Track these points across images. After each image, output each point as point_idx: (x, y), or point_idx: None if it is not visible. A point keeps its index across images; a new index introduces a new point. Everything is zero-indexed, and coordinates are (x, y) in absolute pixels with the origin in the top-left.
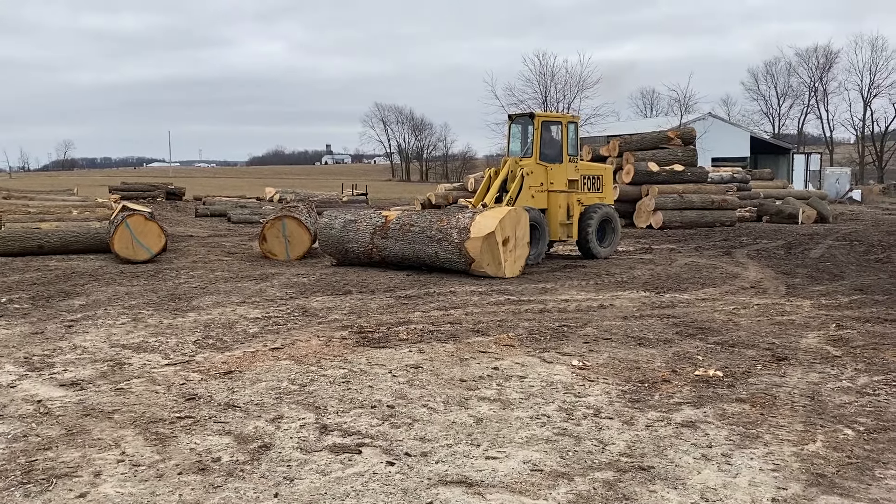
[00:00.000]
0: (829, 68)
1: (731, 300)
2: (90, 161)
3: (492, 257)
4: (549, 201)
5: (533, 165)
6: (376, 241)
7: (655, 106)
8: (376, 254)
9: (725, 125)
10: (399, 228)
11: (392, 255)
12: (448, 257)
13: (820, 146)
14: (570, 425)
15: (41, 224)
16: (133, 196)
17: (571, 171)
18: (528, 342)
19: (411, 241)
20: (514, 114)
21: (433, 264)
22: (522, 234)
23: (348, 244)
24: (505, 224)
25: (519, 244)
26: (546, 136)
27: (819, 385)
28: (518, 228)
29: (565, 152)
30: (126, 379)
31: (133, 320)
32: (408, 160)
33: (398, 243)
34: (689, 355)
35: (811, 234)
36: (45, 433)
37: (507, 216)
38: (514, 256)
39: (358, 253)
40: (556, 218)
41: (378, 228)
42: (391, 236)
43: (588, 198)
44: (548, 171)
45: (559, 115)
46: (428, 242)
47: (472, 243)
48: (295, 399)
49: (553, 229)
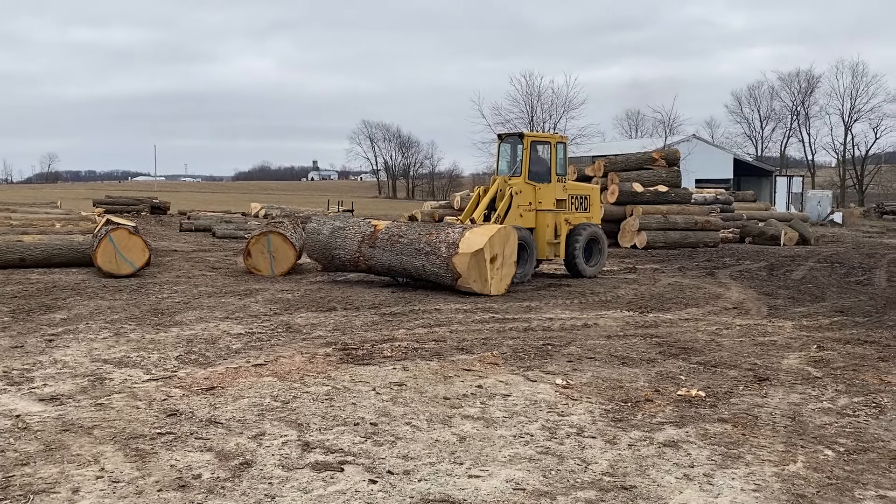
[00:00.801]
0: (810, 93)
1: (714, 320)
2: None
3: (479, 274)
4: (537, 220)
5: (522, 185)
6: (364, 250)
7: (640, 127)
8: (363, 262)
9: (709, 147)
10: (388, 239)
11: (378, 265)
12: (435, 271)
13: (802, 169)
14: (553, 444)
15: (24, 237)
16: (117, 210)
17: (559, 191)
18: (513, 360)
19: (399, 252)
20: (504, 133)
21: (419, 277)
22: (510, 252)
23: (335, 251)
24: (494, 242)
25: (506, 262)
26: (535, 156)
27: (800, 406)
28: (506, 247)
29: (553, 172)
30: (107, 394)
31: (115, 335)
32: (394, 177)
33: (386, 253)
34: (671, 375)
35: (793, 255)
36: (23, 448)
37: (497, 234)
38: (501, 275)
39: (344, 260)
40: (544, 237)
41: (366, 237)
42: (379, 246)
43: (576, 217)
44: (536, 191)
45: (548, 135)
46: (416, 255)
47: (461, 259)
48: (277, 416)
49: (541, 248)
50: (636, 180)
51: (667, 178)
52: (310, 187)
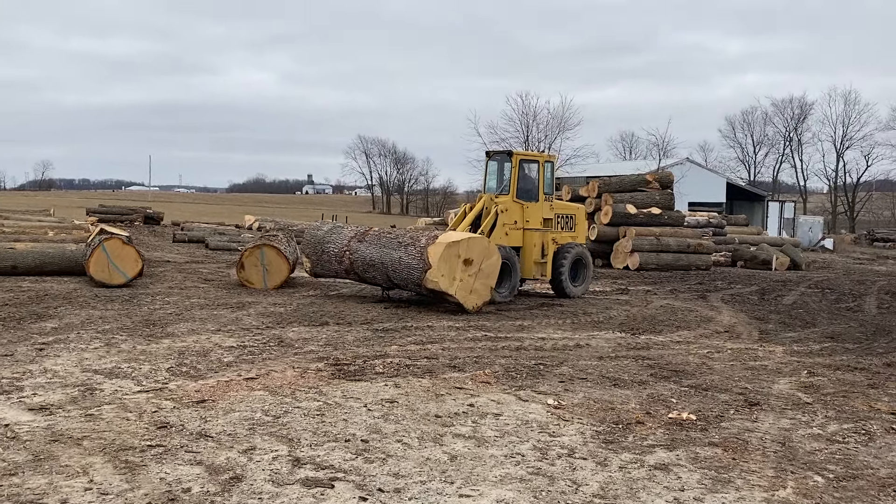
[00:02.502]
0: (803, 119)
1: (706, 344)
2: (68, 182)
3: (448, 269)
4: (524, 239)
5: (510, 203)
6: (352, 245)
7: (634, 149)
8: (348, 257)
9: (702, 171)
10: (377, 234)
11: (360, 259)
12: (409, 262)
13: (794, 194)
14: (544, 465)
15: (16, 244)
16: (111, 219)
17: (546, 210)
18: (505, 379)
19: (383, 246)
20: (492, 151)
21: (393, 271)
22: (488, 268)
23: (327, 244)
24: (473, 245)
25: (481, 276)
26: (523, 174)
27: (790, 431)
28: (485, 260)
29: (541, 191)
30: (97, 405)
31: (106, 345)
32: (389, 193)
33: (370, 247)
34: (663, 398)
35: (784, 280)
36: (12, 458)
37: (478, 241)
38: (472, 286)
39: (332, 254)
40: (531, 256)
41: (359, 233)
42: (367, 241)
43: (562, 237)
44: (524, 209)
45: (536, 153)
46: (397, 247)
47: (435, 248)
48: (268, 430)
49: (527, 267)
50: (630, 202)
51: (660, 200)
52: (304, 201)
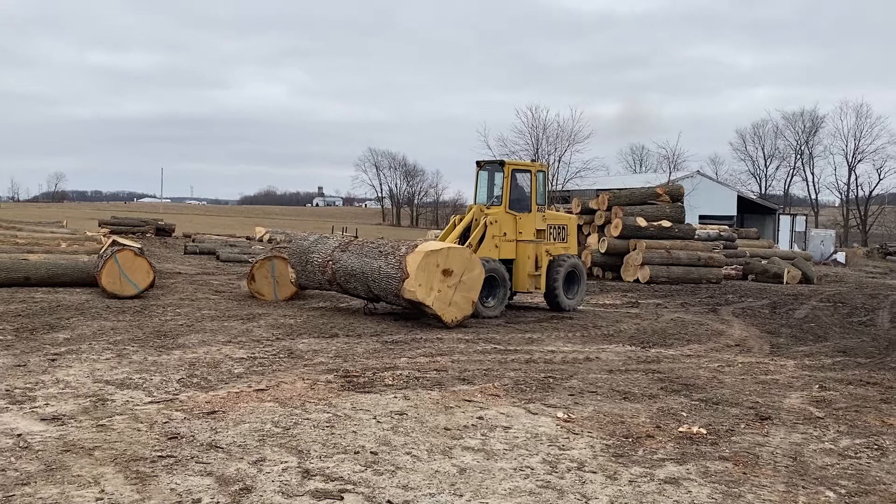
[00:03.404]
0: (814, 132)
1: (716, 357)
2: (80, 194)
3: (426, 279)
4: (517, 251)
5: (502, 214)
6: (335, 254)
7: (644, 162)
8: (330, 267)
9: (713, 184)
10: (361, 244)
11: (342, 269)
12: (388, 272)
13: (805, 208)
14: (553, 478)
15: (29, 255)
16: (123, 231)
17: (539, 221)
18: (514, 392)
19: (364, 255)
20: (483, 160)
21: (373, 280)
22: (471, 282)
23: (311, 254)
24: (452, 256)
25: (462, 288)
26: (515, 185)
27: (801, 446)
28: (466, 272)
29: (534, 201)
30: (108, 415)
31: (117, 356)
32: (398, 205)
33: (352, 256)
34: (673, 411)
35: (796, 294)
36: (24, 468)
37: (459, 252)
38: (452, 298)
39: (316, 265)
40: (525, 269)
41: (342, 243)
42: (350, 250)
43: (555, 248)
44: (517, 221)
45: (528, 163)
46: (377, 256)
47: (413, 257)
48: (278, 442)
49: (521, 280)
50: (640, 215)
51: (670, 213)
52: (314, 213)
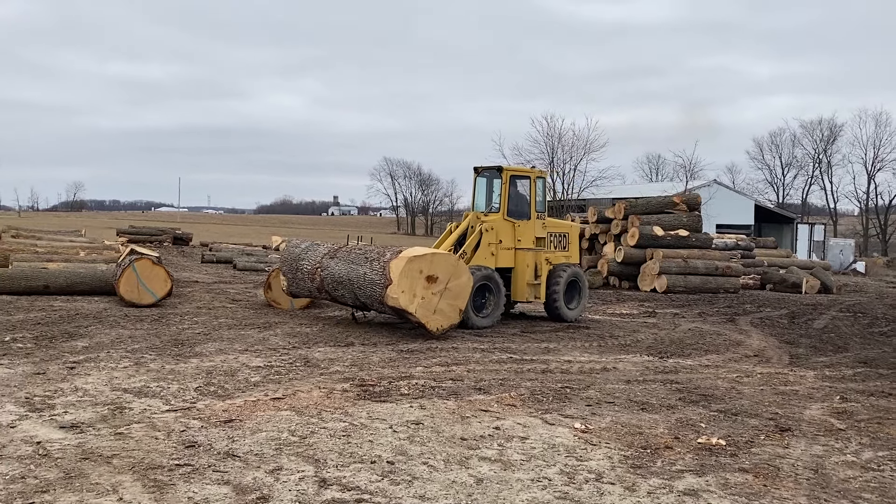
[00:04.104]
0: (833, 141)
1: (735, 368)
2: (99, 203)
3: (409, 286)
4: (516, 260)
5: (500, 221)
6: (324, 261)
7: (661, 171)
8: (319, 274)
9: (730, 193)
10: (348, 251)
11: (330, 276)
12: (372, 278)
13: (824, 217)
14: (571, 489)
15: (48, 264)
16: (140, 240)
17: (539, 229)
18: (531, 402)
19: (351, 262)
20: (481, 166)
21: (359, 287)
22: (457, 289)
23: (301, 262)
24: (437, 262)
25: (448, 296)
26: (514, 191)
27: (823, 458)
28: (452, 280)
29: (533, 208)
30: (126, 423)
31: (135, 364)
32: (413, 214)
33: (340, 264)
34: (691, 422)
35: (815, 304)
36: (43, 475)
37: (444, 258)
38: (436, 305)
39: (306, 272)
40: (524, 277)
41: (332, 250)
42: (338, 257)
43: (555, 257)
44: (515, 228)
45: (527, 169)
46: (363, 262)
47: (396, 263)
48: (295, 451)
49: (520, 289)
50: (657, 224)
51: (687, 222)
52: (330, 222)
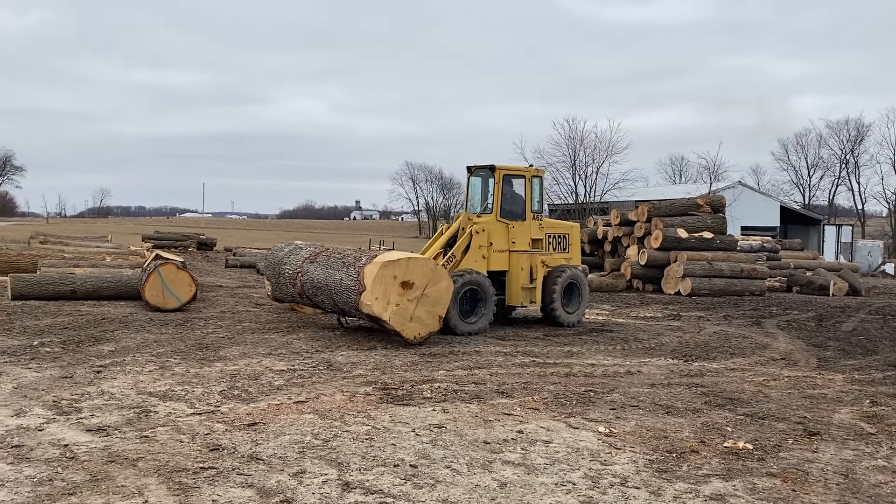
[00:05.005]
0: (860, 141)
1: (761, 371)
2: (124, 209)
3: (382, 292)
4: (510, 262)
5: (493, 223)
6: (304, 266)
7: (684, 173)
8: (300, 278)
9: (755, 194)
10: (328, 255)
11: (309, 281)
12: (348, 283)
13: (851, 218)
14: (595, 493)
15: (75, 269)
16: (165, 245)
17: (535, 230)
18: (554, 406)
19: (328, 267)
20: (474, 166)
21: (336, 293)
22: (436, 295)
23: (284, 266)
24: (412, 267)
25: (425, 302)
26: (508, 191)
27: (853, 462)
28: (430, 285)
29: (528, 209)
30: (151, 427)
31: (160, 368)
32: (435, 218)
33: (319, 268)
34: (718, 426)
35: (843, 306)
36: (70, 478)
37: (421, 263)
38: (413, 312)
39: (288, 277)
40: (518, 281)
41: (312, 254)
42: (318, 261)
43: (553, 259)
44: (509, 230)
45: (523, 168)
46: (340, 267)
47: (370, 268)
48: (318, 454)
49: (514, 293)
50: (681, 226)
51: (712, 224)
52: (352, 226)
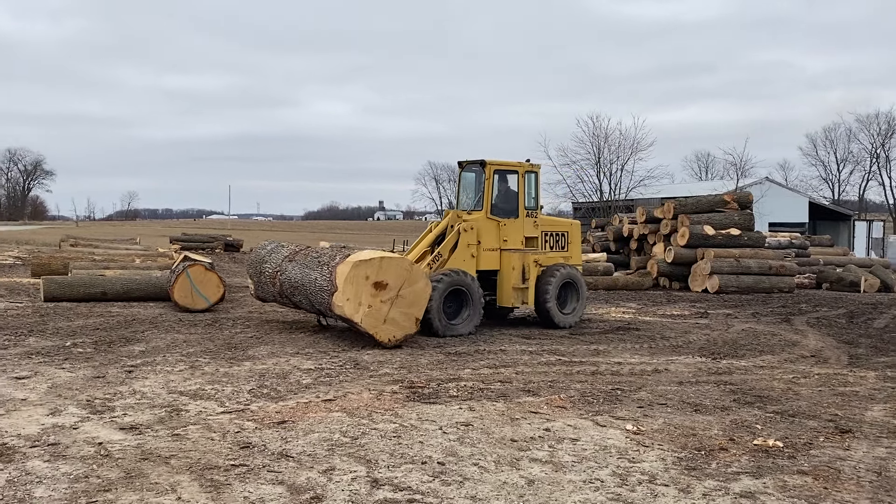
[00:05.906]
0: (891, 135)
1: (791, 368)
2: (152, 212)
3: (354, 293)
4: (501, 262)
5: (482, 220)
6: (284, 265)
7: (710, 169)
8: (279, 278)
9: (783, 190)
10: (306, 254)
11: (287, 281)
12: (321, 284)
13: (883, 213)
14: (624, 491)
15: (105, 271)
16: (193, 247)
17: (529, 227)
18: (581, 404)
19: (305, 266)
20: (465, 161)
21: (312, 293)
22: (412, 297)
23: (265, 264)
24: (386, 267)
25: (400, 304)
26: (500, 187)
27: (886, 460)
28: (406, 286)
29: (522, 205)
30: (183, 425)
31: (190, 367)
32: None
33: (297, 266)
34: (747, 424)
35: (874, 303)
36: (105, 475)
37: (395, 263)
38: (387, 314)
39: (268, 276)
40: (510, 281)
41: (292, 252)
42: (296, 260)
43: (548, 258)
44: (500, 227)
45: (515, 163)
46: (315, 266)
47: (342, 268)
48: (347, 451)
49: (506, 294)
50: (707, 223)
51: (739, 221)
52: (376, 227)
